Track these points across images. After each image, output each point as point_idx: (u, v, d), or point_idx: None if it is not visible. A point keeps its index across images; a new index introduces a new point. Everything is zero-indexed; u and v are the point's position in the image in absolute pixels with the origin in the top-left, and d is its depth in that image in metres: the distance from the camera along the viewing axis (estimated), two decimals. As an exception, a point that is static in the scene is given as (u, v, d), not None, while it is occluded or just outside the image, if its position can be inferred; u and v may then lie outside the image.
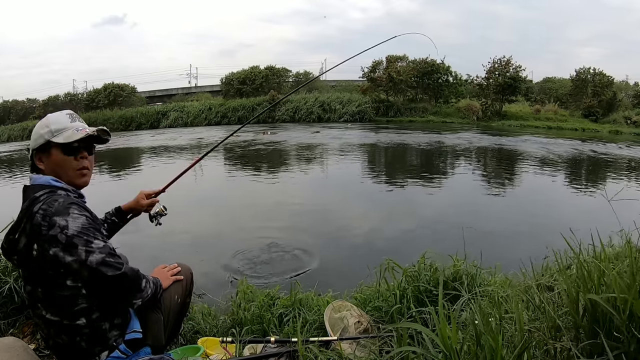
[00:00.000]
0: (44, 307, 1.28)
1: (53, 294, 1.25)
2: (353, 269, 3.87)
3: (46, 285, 1.25)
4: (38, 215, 1.21)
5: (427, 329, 1.07)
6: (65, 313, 1.27)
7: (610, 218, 2.06)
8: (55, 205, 1.22)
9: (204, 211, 6.37)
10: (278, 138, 17.11)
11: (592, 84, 24.65)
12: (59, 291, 1.25)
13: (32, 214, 1.22)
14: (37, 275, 1.26)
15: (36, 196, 1.25)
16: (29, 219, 1.23)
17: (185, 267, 1.80)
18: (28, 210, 1.24)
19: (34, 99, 33.65)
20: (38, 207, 1.22)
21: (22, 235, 1.24)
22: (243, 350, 1.72)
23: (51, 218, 1.19)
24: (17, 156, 16.63)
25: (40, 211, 1.21)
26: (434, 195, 7.34)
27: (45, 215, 1.20)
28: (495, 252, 4.03)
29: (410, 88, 27.07)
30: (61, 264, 1.20)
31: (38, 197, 1.25)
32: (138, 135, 23.48)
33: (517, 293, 1.49)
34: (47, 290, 1.26)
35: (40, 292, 1.27)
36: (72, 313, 1.27)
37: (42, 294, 1.27)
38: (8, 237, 1.29)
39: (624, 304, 0.96)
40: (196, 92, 35.71)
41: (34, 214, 1.22)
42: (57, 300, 1.26)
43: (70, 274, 1.23)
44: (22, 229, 1.24)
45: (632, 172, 9.80)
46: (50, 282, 1.25)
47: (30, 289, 1.30)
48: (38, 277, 1.26)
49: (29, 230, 1.22)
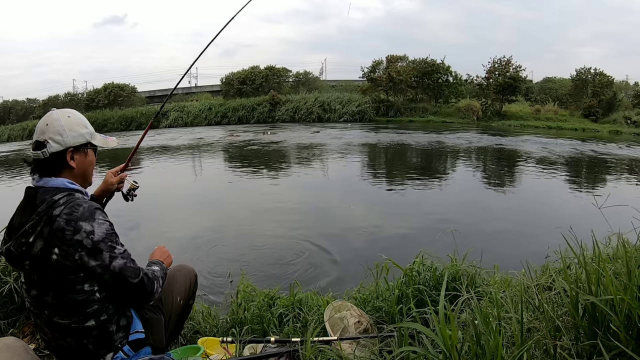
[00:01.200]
0: (52, 311, 1.27)
1: (66, 298, 1.24)
2: (353, 268, 3.88)
3: (60, 289, 1.24)
4: (61, 219, 1.20)
5: (427, 329, 1.08)
6: (76, 316, 1.26)
7: (610, 218, 2.06)
8: (80, 210, 1.22)
9: (204, 211, 6.37)
10: (278, 138, 17.11)
11: (592, 84, 24.66)
12: (73, 295, 1.24)
13: (52, 218, 1.20)
14: (52, 279, 1.23)
15: (55, 199, 1.23)
16: (47, 222, 1.20)
17: (189, 268, 1.80)
18: (46, 213, 1.21)
19: (34, 99, 33.64)
20: (60, 211, 1.21)
21: (38, 239, 1.21)
22: (243, 350, 1.72)
23: (77, 223, 1.20)
24: (13, 156, 16.62)
25: (63, 215, 1.20)
26: (434, 195, 7.34)
27: (70, 220, 1.20)
28: (495, 252, 4.04)
29: (410, 88, 27.06)
30: (84, 268, 1.22)
31: (57, 200, 1.23)
32: (138, 135, 23.45)
33: (517, 293, 1.49)
34: (60, 295, 1.24)
35: (51, 297, 1.25)
36: (83, 316, 1.27)
37: (53, 298, 1.25)
38: (20, 241, 1.24)
39: (621, 305, 0.97)
40: (196, 92, 35.68)
41: (54, 218, 1.20)
42: (69, 304, 1.25)
43: (89, 278, 1.24)
44: (39, 233, 1.21)
45: (632, 173, 9.79)
46: (65, 287, 1.24)
47: (36, 294, 1.27)
48: (52, 281, 1.24)
49: (49, 234, 1.20)
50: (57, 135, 1.29)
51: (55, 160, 1.30)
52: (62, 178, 1.31)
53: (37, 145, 1.30)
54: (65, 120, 1.32)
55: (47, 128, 1.30)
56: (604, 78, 24.69)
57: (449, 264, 2.20)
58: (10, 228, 1.31)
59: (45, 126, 1.30)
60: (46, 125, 1.31)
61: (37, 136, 1.31)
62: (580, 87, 25.51)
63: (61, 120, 1.32)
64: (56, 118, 1.32)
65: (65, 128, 1.31)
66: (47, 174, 1.30)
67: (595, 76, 24.90)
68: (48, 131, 1.30)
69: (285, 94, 28.64)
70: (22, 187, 1.33)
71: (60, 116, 1.33)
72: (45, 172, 1.30)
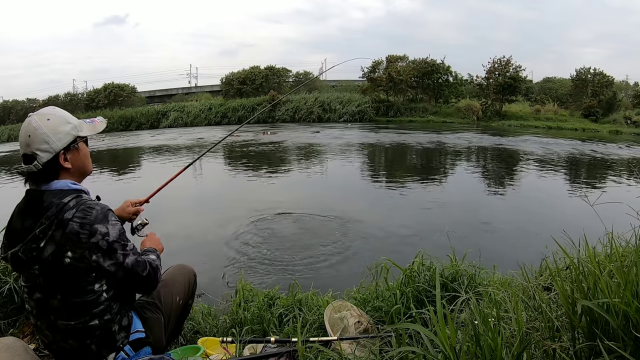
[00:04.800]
0: (56, 314, 1.26)
1: (74, 299, 1.25)
2: (353, 268, 3.88)
3: (70, 291, 1.24)
4: (74, 223, 1.19)
5: (425, 329, 1.08)
6: (82, 317, 1.27)
7: (609, 218, 2.06)
8: (93, 212, 1.23)
9: (204, 211, 6.37)
10: (278, 138, 17.11)
11: (592, 84, 24.65)
12: (83, 296, 1.25)
13: (63, 221, 1.19)
14: (62, 282, 1.23)
15: (64, 202, 1.22)
16: (59, 226, 1.19)
17: (188, 268, 1.80)
18: (57, 217, 1.20)
19: (34, 99, 33.56)
20: (72, 214, 1.20)
21: (49, 243, 1.20)
22: (243, 350, 1.72)
23: (92, 226, 1.21)
24: (13, 157, 16.62)
25: (75, 219, 1.20)
26: (433, 195, 7.34)
27: (84, 224, 1.20)
28: (495, 251, 4.04)
29: (410, 88, 27.04)
30: (98, 268, 1.24)
31: (67, 202, 1.22)
32: (138, 135, 23.46)
33: (516, 293, 1.49)
34: (68, 297, 1.25)
35: (57, 300, 1.25)
36: (89, 316, 1.27)
37: (60, 301, 1.25)
38: (29, 247, 1.21)
39: (618, 308, 0.97)
40: (196, 92, 35.69)
41: (66, 222, 1.19)
42: (76, 306, 1.25)
43: (101, 277, 1.26)
44: (50, 237, 1.20)
45: (632, 173, 9.79)
46: (76, 288, 1.24)
47: (40, 297, 1.26)
48: (62, 284, 1.24)
49: (61, 238, 1.19)
50: (44, 144, 1.24)
51: (49, 168, 1.26)
52: (65, 180, 1.29)
53: (26, 159, 1.25)
54: (46, 125, 1.25)
55: (31, 140, 1.24)
56: (604, 78, 24.68)
57: (448, 264, 2.21)
58: (11, 232, 1.28)
59: (28, 138, 1.24)
60: (28, 137, 1.24)
61: (23, 150, 1.26)
62: (580, 87, 25.50)
63: (42, 127, 1.25)
64: (36, 127, 1.25)
65: (49, 134, 1.25)
66: (45, 181, 1.27)
67: (595, 76, 24.88)
68: (33, 143, 1.24)
69: (285, 94, 28.63)
70: (23, 187, 1.32)
71: (40, 122, 1.25)
72: (43, 180, 1.27)
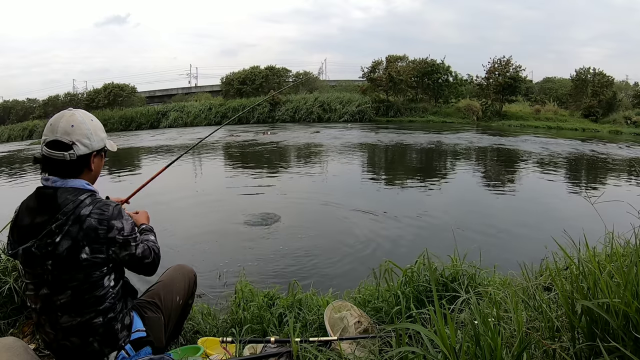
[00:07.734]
0: (62, 310, 1.27)
1: (84, 294, 1.27)
2: (353, 269, 3.88)
3: (81, 286, 1.26)
4: (92, 219, 1.25)
5: (425, 329, 1.08)
6: (87, 314, 1.29)
7: (610, 218, 2.06)
8: (110, 209, 1.29)
9: (203, 211, 6.37)
10: (278, 138, 17.10)
11: (592, 84, 24.65)
12: (94, 291, 1.28)
13: (81, 217, 1.24)
14: (74, 277, 1.25)
15: (80, 199, 1.26)
16: (76, 222, 1.23)
17: (188, 269, 1.81)
18: (74, 213, 1.23)
19: (34, 99, 33.65)
20: (89, 211, 1.25)
21: (65, 238, 1.22)
22: (243, 350, 1.72)
23: (109, 222, 1.28)
24: (14, 157, 16.62)
25: (93, 215, 1.25)
26: (433, 195, 7.33)
27: (102, 220, 1.27)
28: (495, 251, 4.04)
29: (410, 88, 27.06)
30: (114, 260, 1.32)
31: (83, 200, 1.26)
32: (138, 135, 23.47)
33: (516, 293, 1.49)
34: (78, 292, 1.26)
35: (66, 295, 1.26)
36: (94, 312, 1.29)
37: (69, 296, 1.26)
38: (44, 242, 1.22)
39: (618, 308, 0.97)
40: (196, 92, 35.67)
41: (84, 218, 1.24)
42: (84, 301, 1.28)
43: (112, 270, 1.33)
44: (67, 232, 1.22)
45: (632, 173, 9.79)
46: (88, 283, 1.26)
47: (47, 293, 1.27)
48: (74, 279, 1.25)
49: (78, 233, 1.23)
50: (85, 138, 1.31)
51: (80, 162, 1.31)
52: (81, 180, 1.32)
53: (60, 146, 1.27)
54: (91, 124, 1.35)
55: (74, 130, 1.28)
56: (604, 78, 24.68)
57: (448, 264, 2.20)
58: (19, 229, 1.28)
59: (71, 127, 1.28)
60: (71, 126, 1.28)
61: (59, 136, 1.27)
62: (580, 87, 25.50)
63: (87, 124, 1.33)
64: (81, 121, 1.32)
65: (92, 132, 1.34)
66: (67, 175, 1.29)
67: (595, 76, 24.89)
68: (75, 133, 1.28)
69: (285, 94, 28.63)
70: (22, 187, 1.32)
71: (85, 119, 1.34)
72: (65, 173, 1.29)
